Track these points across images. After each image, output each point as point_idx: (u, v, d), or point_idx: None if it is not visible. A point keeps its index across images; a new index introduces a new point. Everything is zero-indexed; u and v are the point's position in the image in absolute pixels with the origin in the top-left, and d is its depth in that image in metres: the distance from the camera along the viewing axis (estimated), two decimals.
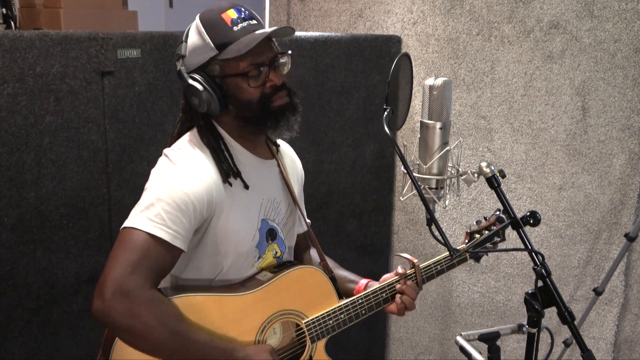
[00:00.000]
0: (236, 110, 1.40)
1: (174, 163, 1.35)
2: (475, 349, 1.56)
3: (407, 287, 1.55)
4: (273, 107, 1.40)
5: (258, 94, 1.38)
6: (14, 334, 1.81)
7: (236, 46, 1.33)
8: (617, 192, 2.50)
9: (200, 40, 1.37)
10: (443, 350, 2.93)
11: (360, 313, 1.52)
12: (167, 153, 1.39)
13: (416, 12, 2.60)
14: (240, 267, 1.44)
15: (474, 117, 2.59)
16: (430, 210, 1.32)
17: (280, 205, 1.53)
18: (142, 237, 1.25)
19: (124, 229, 1.27)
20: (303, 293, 1.46)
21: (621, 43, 2.36)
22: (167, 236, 1.26)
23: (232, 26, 1.35)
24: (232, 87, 1.38)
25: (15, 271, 1.78)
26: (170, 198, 1.28)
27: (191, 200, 1.30)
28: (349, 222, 2.67)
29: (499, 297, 2.74)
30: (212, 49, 1.35)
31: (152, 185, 1.32)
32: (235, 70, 1.36)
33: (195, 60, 1.38)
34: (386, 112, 1.35)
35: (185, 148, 1.39)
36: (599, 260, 2.59)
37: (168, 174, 1.33)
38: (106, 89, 1.87)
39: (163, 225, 1.26)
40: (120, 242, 1.26)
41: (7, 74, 1.69)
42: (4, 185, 1.73)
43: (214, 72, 1.38)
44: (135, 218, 1.27)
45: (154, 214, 1.26)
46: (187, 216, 1.29)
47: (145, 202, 1.29)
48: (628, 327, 2.66)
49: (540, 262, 1.32)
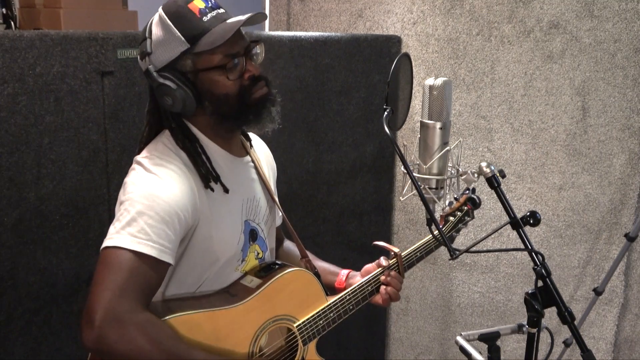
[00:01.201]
0: (213, 107, 1.31)
1: (150, 172, 1.25)
2: (475, 349, 1.56)
3: (391, 278, 1.54)
4: (253, 99, 1.31)
5: (236, 86, 1.29)
6: (14, 334, 1.81)
7: (210, 37, 1.25)
8: (617, 192, 2.50)
9: (167, 34, 1.26)
10: (443, 350, 2.93)
11: (348, 309, 1.49)
12: (141, 161, 1.28)
13: (416, 12, 2.60)
14: (223, 274, 1.38)
15: (474, 117, 2.59)
16: (430, 210, 1.32)
17: (259, 203, 1.46)
18: (127, 256, 1.16)
19: (105, 249, 1.18)
20: (293, 296, 1.43)
21: (621, 43, 2.36)
22: (154, 252, 1.18)
23: (201, 17, 1.26)
24: (207, 82, 1.28)
25: (15, 271, 1.78)
26: (152, 210, 1.19)
27: (175, 211, 1.21)
28: (349, 222, 2.67)
29: (499, 297, 2.74)
30: (182, 43, 1.26)
31: (130, 198, 1.21)
32: (210, 63, 1.27)
33: (164, 56, 1.28)
34: (386, 112, 1.35)
35: (159, 154, 1.29)
36: (599, 260, 2.59)
37: (146, 184, 1.23)
38: (106, 89, 1.87)
39: (148, 240, 1.17)
40: (104, 264, 1.16)
41: (7, 74, 1.69)
42: (4, 185, 1.73)
43: (185, 68, 1.28)
44: (117, 236, 1.18)
45: (137, 229, 1.17)
46: (172, 228, 1.21)
47: (126, 218, 1.19)
48: (628, 327, 2.66)
49: (540, 262, 1.32)
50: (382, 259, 1.57)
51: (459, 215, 1.69)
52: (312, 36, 2.40)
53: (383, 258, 1.57)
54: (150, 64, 1.29)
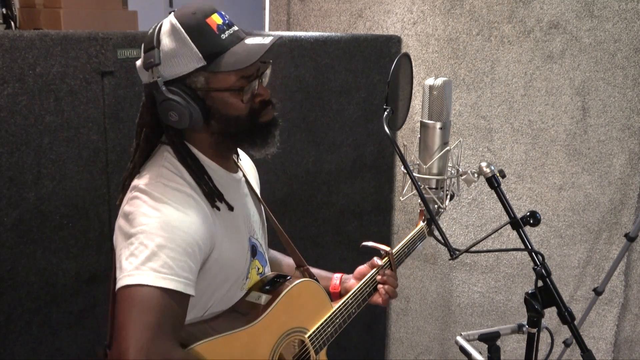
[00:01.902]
0: (220, 126, 1.25)
1: (162, 201, 1.16)
2: (475, 349, 1.56)
3: (387, 277, 1.56)
4: (261, 123, 1.28)
5: (247, 109, 1.25)
6: (14, 334, 1.81)
7: (231, 58, 1.20)
8: (617, 192, 2.50)
9: (182, 47, 1.19)
10: (443, 350, 2.93)
11: (351, 312, 1.51)
12: (146, 188, 1.19)
13: (416, 12, 2.60)
14: (230, 294, 1.34)
15: (474, 117, 2.59)
16: (430, 210, 1.32)
17: (254, 218, 1.43)
18: (154, 293, 1.07)
19: (127, 288, 1.08)
20: (302, 308, 1.42)
21: (621, 43, 2.36)
22: (180, 286, 1.10)
23: (219, 34, 1.20)
24: (218, 101, 1.23)
25: (15, 271, 1.78)
26: (173, 243, 1.12)
27: (195, 241, 1.15)
28: (349, 222, 2.67)
29: (499, 297, 2.74)
30: (199, 59, 1.19)
31: (144, 231, 1.12)
32: (225, 84, 1.22)
33: (174, 70, 1.21)
34: (386, 112, 1.35)
35: (165, 180, 1.21)
36: (599, 260, 2.59)
37: (161, 214, 1.15)
38: (106, 89, 1.87)
39: (173, 275, 1.10)
40: (131, 304, 1.07)
41: (7, 74, 1.69)
42: (4, 185, 1.73)
43: (196, 85, 1.22)
44: (138, 272, 1.09)
45: (160, 264, 1.09)
46: (194, 258, 1.15)
47: (144, 252, 1.10)
48: (628, 327, 2.66)
49: (540, 262, 1.32)
50: (375, 259, 1.58)
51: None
52: (312, 36, 2.40)
53: (376, 258, 1.58)
54: (157, 76, 1.21)
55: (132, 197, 1.20)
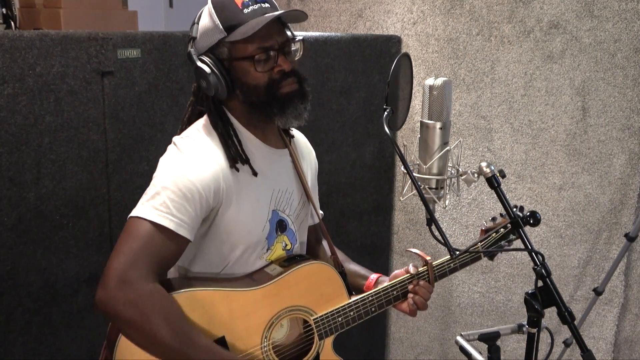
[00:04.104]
0: (243, 95, 1.36)
1: (180, 151, 1.33)
2: (475, 349, 1.56)
3: (420, 287, 1.51)
4: (280, 93, 1.35)
5: (266, 79, 1.34)
6: (14, 334, 1.81)
7: (244, 28, 1.30)
8: (617, 192, 2.50)
9: (210, 22, 1.33)
10: (443, 350, 2.93)
11: (370, 310, 1.49)
12: (176, 141, 1.36)
13: (416, 12, 2.60)
14: (248, 260, 1.41)
15: (474, 117, 2.59)
16: (430, 210, 1.32)
17: (292, 196, 1.49)
18: (146, 226, 1.23)
19: (129, 219, 1.26)
20: (313, 289, 1.44)
21: (621, 43, 2.36)
22: (172, 224, 1.24)
23: (242, 8, 1.31)
24: (239, 70, 1.34)
25: (15, 271, 1.78)
26: (175, 186, 1.26)
27: (197, 188, 1.27)
28: (349, 222, 2.67)
29: (499, 297, 2.74)
30: (220, 31, 1.32)
31: (158, 174, 1.30)
32: (243, 53, 1.32)
33: (205, 42, 1.35)
34: (386, 112, 1.35)
35: (194, 135, 1.37)
36: (599, 260, 2.59)
37: (174, 162, 1.31)
38: (106, 89, 1.87)
39: (167, 213, 1.24)
40: (125, 232, 1.24)
41: (7, 74, 1.69)
42: (4, 185, 1.73)
43: (222, 55, 1.34)
44: (141, 207, 1.25)
45: (159, 202, 1.24)
46: (193, 204, 1.27)
47: (151, 192, 1.27)
48: (628, 327, 2.66)
49: (540, 262, 1.32)
50: (411, 266, 1.54)
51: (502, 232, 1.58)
52: (312, 36, 2.40)
53: (412, 265, 1.54)
54: (193, 47, 1.36)
55: (167, 149, 1.37)
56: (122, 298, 1.17)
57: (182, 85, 2.03)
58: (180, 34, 2.02)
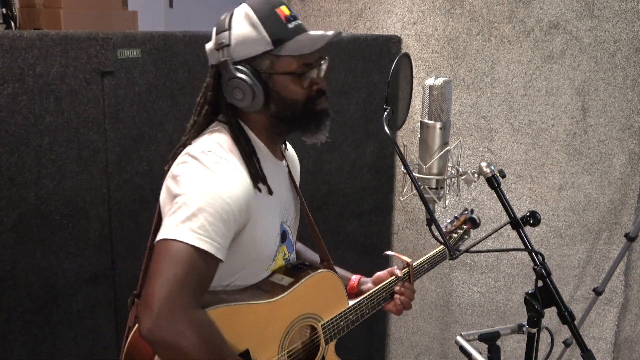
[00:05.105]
0: (277, 109, 1.34)
1: (209, 168, 1.26)
2: (475, 349, 1.56)
3: (405, 289, 1.62)
4: (316, 110, 1.36)
5: (305, 95, 1.34)
6: (14, 334, 1.81)
7: (296, 44, 1.30)
8: (617, 192, 2.50)
9: (254, 32, 1.29)
10: (443, 350, 2.93)
11: (365, 313, 1.56)
12: (197, 156, 1.27)
13: (416, 12, 2.60)
14: (255, 271, 1.41)
15: (474, 117, 2.59)
16: (430, 210, 1.32)
17: (290, 207, 1.51)
18: (188, 250, 1.16)
19: (165, 241, 1.18)
20: (321, 296, 1.48)
21: (621, 43, 2.36)
22: (212, 249, 1.19)
23: (286, 23, 1.31)
24: (279, 84, 1.32)
25: (15, 271, 1.78)
26: (212, 208, 1.20)
27: (232, 210, 1.23)
28: (349, 222, 2.67)
29: (499, 297, 2.74)
30: (267, 43, 1.29)
31: (187, 192, 1.22)
32: (287, 68, 1.31)
33: (244, 52, 1.30)
34: (386, 112, 1.35)
35: (217, 151, 1.29)
36: (599, 260, 2.59)
37: (206, 180, 1.24)
38: (106, 89, 1.87)
39: (207, 237, 1.18)
40: (164, 256, 1.16)
41: (7, 74, 1.69)
42: (4, 185, 1.73)
43: (261, 67, 1.31)
44: (177, 229, 1.17)
45: (197, 225, 1.18)
46: (228, 226, 1.23)
47: (185, 212, 1.19)
48: (628, 327, 2.66)
49: (540, 262, 1.32)
50: (395, 268, 1.63)
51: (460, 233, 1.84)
52: None
53: (397, 268, 1.64)
54: (227, 56, 1.30)
55: (182, 161, 1.29)
56: (172, 328, 1.12)
57: (182, 85, 2.03)
58: (180, 34, 2.02)
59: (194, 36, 2.05)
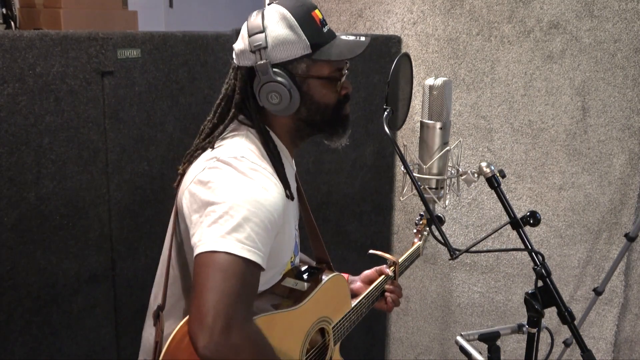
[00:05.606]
0: (308, 113, 1.33)
1: (247, 176, 1.21)
2: (475, 349, 1.56)
3: (395, 287, 1.70)
4: (343, 114, 1.39)
5: (335, 99, 1.35)
6: (14, 334, 1.81)
7: (334, 49, 1.30)
8: (617, 192, 2.50)
9: (292, 34, 1.27)
10: (443, 350, 2.93)
11: (363, 312, 1.60)
12: (230, 162, 1.23)
13: (416, 12, 2.60)
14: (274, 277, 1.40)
15: (474, 117, 2.59)
16: (430, 210, 1.32)
17: (297, 209, 1.49)
18: (237, 262, 1.11)
19: (212, 253, 1.12)
20: (332, 299, 1.50)
21: (621, 43, 2.36)
22: (260, 259, 1.15)
23: (321, 27, 1.30)
24: (313, 88, 1.31)
25: (15, 271, 1.78)
26: (257, 217, 1.16)
27: (274, 218, 1.20)
28: (349, 222, 2.67)
29: (499, 297, 2.74)
30: (306, 47, 1.27)
31: (227, 201, 1.16)
32: (322, 72, 1.31)
33: (283, 54, 1.27)
34: (386, 112, 1.35)
35: (250, 157, 1.25)
36: (599, 260, 2.59)
37: (246, 189, 1.19)
38: (106, 89, 1.87)
39: (255, 248, 1.14)
40: (214, 269, 1.10)
41: (7, 74, 1.68)
42: (4, 185, 1.73)
43: (297, 71, 1.29)
44: (224, 241, 1.12)
45: (244, 235, 1.13)
46: (271, 235, 1.20)
47: (230, 222, 1.14)
48: (628, 327, 2.66)
49: (540, 262, 1.32)
50: (384, 267, 1.70)
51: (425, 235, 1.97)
52: None
53: (386, 266, 1.71)
54: (265, 58, 1.27)
55: (212, 166, 1.23)
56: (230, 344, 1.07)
57: (182, 85, 2.03)
58: (180, 34, 2.02)
59: (194, 36, 2.05)
